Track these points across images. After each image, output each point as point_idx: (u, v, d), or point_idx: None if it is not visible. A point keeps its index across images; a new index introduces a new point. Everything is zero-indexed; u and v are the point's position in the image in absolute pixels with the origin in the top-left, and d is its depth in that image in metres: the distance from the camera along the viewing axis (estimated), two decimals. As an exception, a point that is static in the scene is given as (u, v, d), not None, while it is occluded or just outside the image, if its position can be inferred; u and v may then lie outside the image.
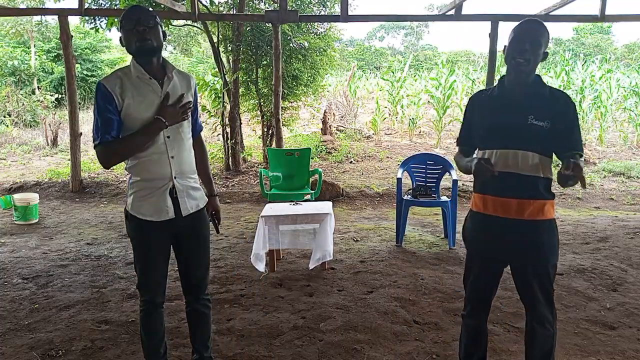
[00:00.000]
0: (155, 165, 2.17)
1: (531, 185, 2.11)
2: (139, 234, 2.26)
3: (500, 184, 2.12)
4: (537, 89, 2.13)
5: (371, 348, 2.94)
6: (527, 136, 2.08)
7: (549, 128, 2.07)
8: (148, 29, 2.09)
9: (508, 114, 2.13)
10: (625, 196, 7.35)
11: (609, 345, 2.96)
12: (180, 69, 2.33)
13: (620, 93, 12.16)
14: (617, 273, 4.15)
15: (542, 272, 2.15)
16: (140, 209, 2.20)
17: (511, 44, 2.08)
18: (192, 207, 2.27)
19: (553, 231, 2.17)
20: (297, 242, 4.32)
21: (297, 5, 8.74)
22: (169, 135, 2.17)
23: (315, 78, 9.45)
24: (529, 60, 2.04)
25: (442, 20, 7.74)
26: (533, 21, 2.11)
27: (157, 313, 2.35)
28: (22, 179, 8.04)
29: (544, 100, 2.10)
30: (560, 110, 2.09)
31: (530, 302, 2.20)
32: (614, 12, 7.26)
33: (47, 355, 2.87)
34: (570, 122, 2.10)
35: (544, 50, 2.08)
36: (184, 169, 2.24)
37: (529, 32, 2.06)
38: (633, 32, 74.94)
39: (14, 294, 3.77)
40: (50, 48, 18.66)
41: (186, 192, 2.24)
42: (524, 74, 2.08)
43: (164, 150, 2.17)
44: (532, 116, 2.08)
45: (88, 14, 7.61)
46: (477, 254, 2.31)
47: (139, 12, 2.12)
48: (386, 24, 42.67)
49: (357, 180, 8.19)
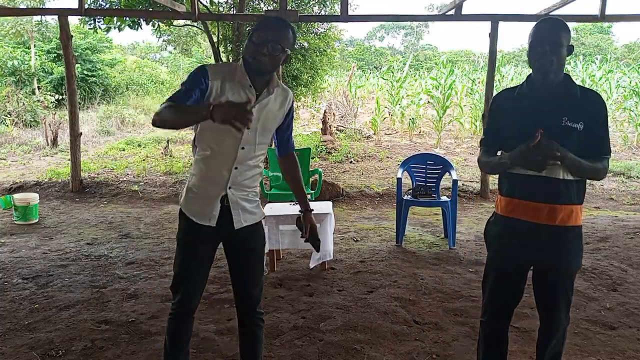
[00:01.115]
0: (217, 168, 2.10)
1: (564, 190, 2.04)
2: (185, 233, 2.19)
3: (531, 188, 2.06)
4: (568, 89, 2.05)
5: (371, 348, 2.94)
6: (561, 138, 1.97)
7: (583, 130, 2.00)
8: (270, 55, 1.98)
9: (540, 115, 2.03)
10: (625, 196, 7.35)
11: (609, 345, 2.96)
12: (283, 85, 2.23)
13: (620, 93, 12.16)
14: (617, 273, 4.15)
15: (567, 279, 2.12)
16: (190, 206, 2.16)
17: (531, 48, 2.02)
18: (246, 220, 2.17)
19: (580, 237, 2.12)
20: (297, 242, 4.31)
21: (297, 5, 8.74)
22: (244, 147, 2.09)
23: (314, 78, 9.46)
24: (552, 61, 1.98)
25: (442, 20, 7.73)
26: (549, 20, 2.05)
27: (185, 320, 2.26)
28: (22, 179, 8.03)
29: (577, 101, 2.03)
30: (594, 111, 2.03)
31: (551, 308, 2.16)
32: (614, 12, 7.26)
33: (47, 355, 2.87)
34: (603, 124, 2.05)
35: (567, 45, 2.01)
36: (243, 182, 2.14)
37: (547, 34, 1.99)
38: (633, 32, 75.02)
39: (14, 294, 3.77)
40: (50, 48, 18.65)
41: (240, 205, 2.15)
42: (552, 73, 2.02)
43: (233, 158, 2.08)
44: (566, 117, 2.01)
45: (88, 14, 7.62)
46: (499, 258, 2.24)
47: (274, 30, 1.99)
48: (386, 24, 42.67)
49: (357, 180, 8.19)
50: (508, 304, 2.26)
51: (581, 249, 2.13)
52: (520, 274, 2.21)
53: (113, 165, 9.25)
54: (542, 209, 2.05)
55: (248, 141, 2.09)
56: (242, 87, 2.06)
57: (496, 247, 2.24)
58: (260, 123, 2.11)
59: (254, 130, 2.08)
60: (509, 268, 2.20)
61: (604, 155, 2.05)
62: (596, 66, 13.60)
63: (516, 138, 2.04)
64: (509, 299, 2.25)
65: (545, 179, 2.02)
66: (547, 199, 2.04)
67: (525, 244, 2.12)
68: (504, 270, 2.22)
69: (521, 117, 2.09)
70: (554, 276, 2.12)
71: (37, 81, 16.87)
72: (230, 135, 2.03)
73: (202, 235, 2.15)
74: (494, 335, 2.30)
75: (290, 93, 2.23)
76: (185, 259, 2.20)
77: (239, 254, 2.24)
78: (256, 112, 2.06)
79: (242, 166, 2.12)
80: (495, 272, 2.25)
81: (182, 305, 2.22)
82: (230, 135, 2.04)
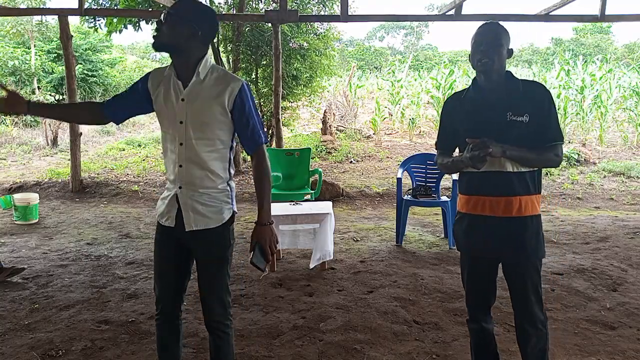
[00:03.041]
0: (168, 168, 2.11)
1: (517, 182, 2.10)
2: (155, 234, 2.20)
3: (486, 183, 2.13)
4: (510, 85, 2.13)
5: (371, 348, 2.94)
6: (508, 133, 2.06)
7: (529, 122, 2.07)
8: (164, 22, 1.93)
9: (486, 113, 2.12)
10: (625, 196, 7.35)
11: (609, 345, 2.96)
12: (230, 72, 2.11)
13: (620, 93, 12.15)
14: (617, 273, 4.15)
15: (531, 268, 2.15)
16: (157, 206, 2.18)
17: (473, 49, 2.12)
18: (197, 224, 2.04)
19: (539, 226, 2.17)
20: (297, 242, 4.32)
21: (297, 5, 8.74)
22: (182, 142, 1.99)
23: (314, 78, 9.46)
24: (493, 59, 2.06)
25: (442, 20, 7.73)
26: (488, 24, 2.14)
27: (165, 323, 2.20)
28: (22, 179, 8.03)
29: (519, 94, 2.10)
30: (537, 102, 2.09)
31: (521, 301, 2.18)
32: (614, 12, 7.26)
33: (47, 355, 2.87)
34: (548, 112, 2.10)
35: (507, 47, 2.11)
36: (195, 182, 2.02)
37: (486, 34, 2.09)
38: (633, 32, 74.94)
39: (14, 294, 3.77)
40: (50, 48, 18.64)
41: (191, 206, 2.03)
42: (493, 72, 2.09)
43: (175, 156, 2.03)
44: (510, 112, 2.08)
45: (88, 14, 7.61)
46: (467, 256, 2.30)
47: (170, 6, 1.98)
48: (386, 24, 42.64)
49: (357, 180, 8.19)
50: (485, 299, 2.30)
51: (541, 238, 2.17)
52: (490, 269, 2.26)
53: (113, 165, 9.25)
54: (498, 202, 2.11)
55: (185, 136, 1.99)
56: (170, 80, 2.03)
57: (463, 244, 2.29)
58: (191, 115, 1.98)
59: (186, 123, 1.98)
60: (478, 264, 2.26)
61: (554, 142, 2.09)
62: (596, 66, 13.58)
63: (464, 136, 2.13)
64: (484, 294, 2.29)
65: (497, 173, 2.09)
66: (502, 192, 2.10)
67: (488, 238, 2.17)
68: (474, 267, 2.28)
69: (469, 117, 2.17)
70: (518, 268, 2.16)
71: (37, 81, 16.86)
72: (168, 132, 2.04)
73: (166, 237, 2.13)
74: (479, 332, 2.33)
75: (236, 83, 1.99)
76: (155, 261, 2.21)
77: (196, 258, 2.14)
78: (185, 103, 1.98)
79: (187, 164, 2.01)
80: (468, 269, 2.30)
81: (160, 308, 2.19)
82: (168, 132, 2.04)
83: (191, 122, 1.98)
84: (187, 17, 1.94)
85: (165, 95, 2.04)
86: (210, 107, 1.98)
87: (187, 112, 1.99)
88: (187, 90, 1.99)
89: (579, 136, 11.15)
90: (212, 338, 2.19)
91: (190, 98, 1.98)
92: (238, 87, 1.99)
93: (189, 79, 1.99)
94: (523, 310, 2.18)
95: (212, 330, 2.18)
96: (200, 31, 1.96)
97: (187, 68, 1.99)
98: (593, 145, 10.44)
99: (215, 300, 2.14)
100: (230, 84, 1.99)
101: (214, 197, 2.06)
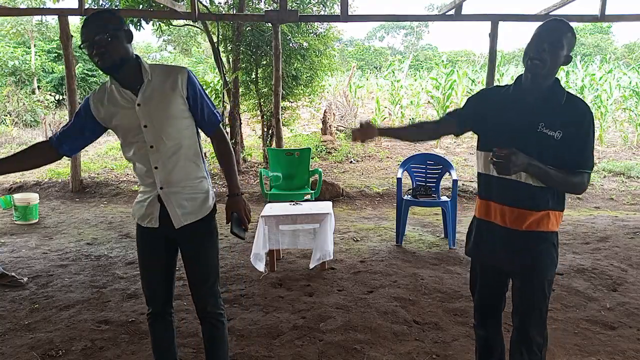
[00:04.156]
0: (142, 174, 2.11)
1: (534, 195, 1.94)
2: (137, 238, 2.25)
3: (501, 190, 2.01)
4: (553, 95, 1.93)
5: (371, 348, 2.94)
6: (534, 144, 1.89)
7: (560, 139, 1.88)
8: (103, 45, 1.89)
9: (517, 115, 1.95)
10: (625, 196, 7.35)
11: (609, 345, 2.96)
12: (167, 64, 2.14)
13: (620, 93, 12.15)
14: (617, 273, 4.15)
15: (537, 288, 2.00)
16: (135, 212, 2.21)
17: (530, 43, 1.91)
18: (186, 219, 2.10)
19: (553, 245, 2.01)
20: (297, 242, 4.32)
21: (297, 5, 8.74)
22: (152, 145, 2.01)
23: (314, 78, 9.46)
24: (546, 61, 1.86)
25: (442, 20, 7.73)
26: (557, 20, 1.93)
27: (158, 323, 2.26)
28: (22, 179, 8.03)
29: (559, 107, 1.91)
30: (575, 121, 1.89)
31: (521, 320, 2.03)
32: (614, 12, 7.26)
33: (47, 355, 2.87)
34: (585, 135, 1.89)
35: (567, 53, 1.89)
36: (174, 179, 2.07)
37: (551, 31, 1.88)
38: (633, 32, 74.93)
39: (14, 294, 3.77)
40: (50, 48, 18.64)
41: (177, 203, 2.08)
42: (540, 76, 1.90)
43: (147, 160, 2.04)
44: (543, 123, 1.90)
45: (88, 14, 7.59)
46: (476, 262, 2.23)
47: (90, 26, 1.90)
48: (386, 24, 42.65)
49: (357, 180, 8.19)
50: (493, 306, 2.21)
51: (553, 257, 2.01)
52: (500, 278, 2.17)
53: (113, 165, 9.25)
54: (509, 212, 1.99)
55: (152, 138, 2.01)
56: (117, 93, 2.02)
57: (472, 250, 2.20)
58: (154, 115, 2.01)
59: (151, 125, 2.00)
60: (487, 271, 2.17)
61: (582, 169, 1.91)
62: (596, 66, 13.59)
63: (488, 134, 2.07)
64: (492, 301, 2.21)
65: (517, 183, 1.95)
66: (515, 202, 1.98)
67: (495, 248, 2.07)
68: (484, 274, 2.19)
69: (499, 114, 2.02)
70: (523, 284, 2.02)
71: (37, 81, 16.87)
72: (133, 140, 2.04)
73: (151, 238, 2.18)
74: (486, 339, 2.25)
75: (182, 72, 2.04)
76: (142, 264, 2.25)
77: (185, 252, 2.22)
78: (141, 108, 2.00)
79: (162, 164, 2.04)
80: (477, 276, 2.23)
81: (150, 308, 2.25)
82: (133, 141, 2.04)
83: (156, 123, 2.01)
84: (119, 28, 1.94)
85: (115, 109, 2.03)
86: (170, 101, 2.01)
87: (149, 114, 2.00)
88: (140, 95, 2.00)
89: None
90: (207, 328, 2.25)
91: (145, 101, 2.00)
92: (186, 75, 2.04)
93: (137, 84, 2.01)
94: (521, 331, 2.03)
95: (207, 320, 2.24)
96: (130, 34, 2.00)
97: (131, 74, 2.01)
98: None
99: (208, 290, 2.21)
100: (178, 74, 2.03)
101: (195, 189, 2.12)
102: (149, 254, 2.22)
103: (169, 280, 2.26)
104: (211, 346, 2.28)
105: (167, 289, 2.26)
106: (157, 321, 2.26)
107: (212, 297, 2.23)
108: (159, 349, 2.30)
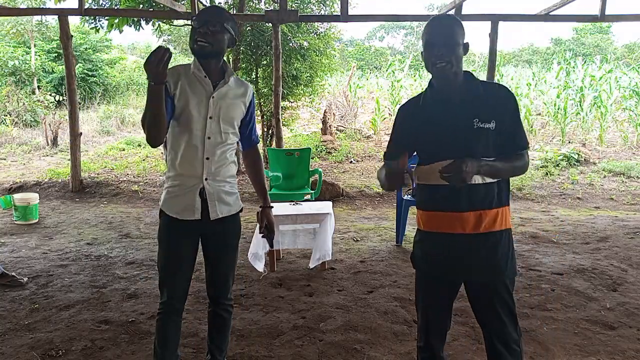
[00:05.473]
0: (189, 163, 2.18)
1: (485, 194, 1.91)
2: (166, 231, 2.25)
3: (451, 198, 1.91)
4: (472, 88, 1.93)
5: (371, 348, 2.94)
6: (475, 141, 1.88)
7: (495, 128, 1.89)
8: (211, 33, 2.08)
9: (451, 120, 1.91)
10: (625, 196, 7.35)
11: (609, 345, 2.96)
12: (239, 78, 2.35)
13: (620, 93, 12.14)
14: (617, 273, 4.15)
15: (502, 288, 1.95)
16: (170, 205, 2.22)
17: (426, 49, 1.90)
18: (222, 211, 2.24)
19: (511, 241, 1.98)
20: (297, 242, 4.32)
21: (297, 5, 8.74)
22: (210, 136, 2.17)
23: (314, 78, 9.46)
24: (451, 61, 1.84)
25: (442, 20, 7.71)
26: (440, 18, 1.96)
27: (173, 319, 2.28)
28: (22, 179, 8.03)
29: (483, 99, 1.91)
30: (503, 107, 1.92)
31: (494, 324, 1.97)
32: (614, 12, 7.26)
33: (47, 355, 2.87)
34: (514, 118, 1.93)
35: (463, 43, 1.89)
36: (218, 172, 2.21)
37: (440, 33, 1.87)
38: (633, 32, 74.82)
39: (14, 293, 3.77)
40: (50, 48, 18.64)
41: (217, 196, 2.22)
42: (452, 74, 1.88)
43: (201, 149, 2.16)
44: (477, 119, 1.88)
45: (88, 14, 7.61)
46: (425, 278, 2.09)
47: (210, 12, 2.14)
48: (386, 24, 42.62)
49: (357, 180, 8.20)
50: (443, 324, 2.12)
51: (512, 254, 1.98)
52: (451, 291, 2.08)
53: (113, 165, 9.25)
54: (466, 218, 1.91)
55: (212, 130, 2.17)
56: (197, 79, 2.17)
57: (423, 266, 2.08)
58: (222, 110, 2.19)
59: (216, 118, 2.17)
60: (438, 287, 2.06)
61: (520, 150, 1.94)
62: (596, 66, 13.57)
63: (430, 146, 1.98)
64: (442, 318, 2.11)
65: (467, 186, 1.88)
66: (470, 206, 1.91)
67: (454, 258, 1.96)
68: (434, 289, 2.08)
69: (431, 125, 1.96)
70: (488, 288, 1.96)
71: (37, 81, 16.87)
72: (194, 127, 2.15)
73: (185, 231, 2.22)
74: (433, 357, 2.12)
75: (249, 87, 2.32)
76: (170, 258, 2.26)
77: (213, 245, 2.31)
78: (215, 100, 2.18)
79: (213, 156, 2.19)
80: (425, 292, 2.11)
81: (169, 305, 2.27)
82: (195, 127, 2.15)
83: (221, 118, 2.19)
84: (228, 27, 2.14)
85: (192, 92, 2.15)
86: (237, 105, 2.25)
87: (218, 108, 2.18)
88: (217, 89, 2.18)
89: (579, 136, 11.14)
90: (217, 315, 2.42)
91: (220, 96, 2.19)
92: (252, 91, 2.34)
93: (218, 80, 2.19)
94: (496, 331, 1.98)
95: (222, 307, 2.41)
96: (236, 39, 2.23)
97: (217, 70, 2.20)
98: (593, 145, 10.43)
99: (230, 281, 2.42)
100: (248, 88, 2.31)
101: (232, 186, 2.30)
102: (179, 247, 2.24)
103: (190, 276, 2.33)
104: (217, 330, 2.44)
105: (188, 284, 2.33)
106: (171, 320, 2.28)
107: (227, 290, 2.40)
108: (165, 345, 2.28)
